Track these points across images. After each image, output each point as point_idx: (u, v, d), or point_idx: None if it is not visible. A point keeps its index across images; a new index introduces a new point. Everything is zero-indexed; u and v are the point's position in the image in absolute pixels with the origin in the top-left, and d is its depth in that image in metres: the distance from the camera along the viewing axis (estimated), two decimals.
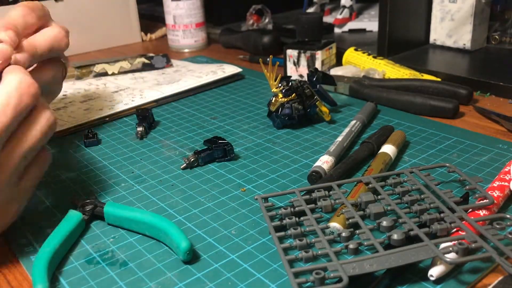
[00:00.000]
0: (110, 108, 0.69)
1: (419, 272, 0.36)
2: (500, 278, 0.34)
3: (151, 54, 0.92)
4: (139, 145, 0.59)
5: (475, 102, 0.66)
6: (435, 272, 0.35)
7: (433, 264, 0.35)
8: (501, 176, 0.45)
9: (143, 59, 0.87)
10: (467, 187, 0.43)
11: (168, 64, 0.87)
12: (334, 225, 0.41)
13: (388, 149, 0.51)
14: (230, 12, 1.12)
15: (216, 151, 0.54)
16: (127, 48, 1.07)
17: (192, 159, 0.53)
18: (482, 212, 0.40)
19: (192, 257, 0.38)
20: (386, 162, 0.49)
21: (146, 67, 0.86)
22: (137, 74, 0.84)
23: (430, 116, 0.62)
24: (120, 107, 0.69)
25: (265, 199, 0.44)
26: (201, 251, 0.40)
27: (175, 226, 0.40)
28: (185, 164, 0.53)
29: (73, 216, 0.42)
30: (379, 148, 0.53)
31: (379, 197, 0.42)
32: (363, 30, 0.98)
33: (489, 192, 0.42)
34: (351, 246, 0.37)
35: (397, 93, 0.65)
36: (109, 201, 0.45)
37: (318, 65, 0.73)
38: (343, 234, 0.38)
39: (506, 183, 0.43)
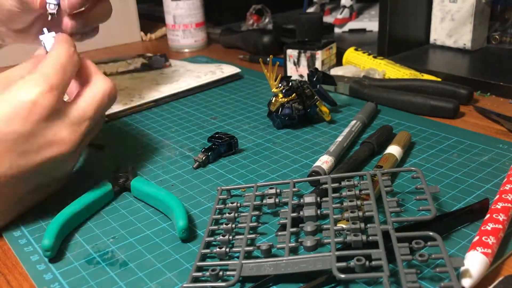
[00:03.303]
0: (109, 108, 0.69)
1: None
2: (500, 278, 0.34)
3: (149, 54, 0.92)
4: (139, 145, 0.59)
5: (475, 102, 0.65)
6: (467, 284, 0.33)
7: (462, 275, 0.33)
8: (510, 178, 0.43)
9: (141, 59, 0.87)
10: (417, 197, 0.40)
11: (167, 64, 0.87)
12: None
13: (396, 151, 0.50)
14: (230, 12, 1.12)
15: (222, 146, 0.54)
16: (127, 47, 1.07)
17: (203, 157, 0.53)
18: None
19: (188, 236, 0.41)
20: (394, 166, 0.49)
21: (145, 67, 0.86)
22: (135, 74, 0.84)
23: (430, 116, 0.62)
24: (119, 107, 0.69)
25: (228, 191, 0.46)
26: None
27: (180, 206, 0.42)
28: (197, 163, 0.53)
29: (103, 186, 0.47)
30: (380, 148, 0.53)
31: (324, 199, 0.41)
32: (363, 30, 0.98)
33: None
34: (263, 247, 0.37)
35: (397, 93, 0.65)
36: (138, 177, 0.48)
37: (318, 65, 0.73)
38: (252, 236, 0.39)
39: None
